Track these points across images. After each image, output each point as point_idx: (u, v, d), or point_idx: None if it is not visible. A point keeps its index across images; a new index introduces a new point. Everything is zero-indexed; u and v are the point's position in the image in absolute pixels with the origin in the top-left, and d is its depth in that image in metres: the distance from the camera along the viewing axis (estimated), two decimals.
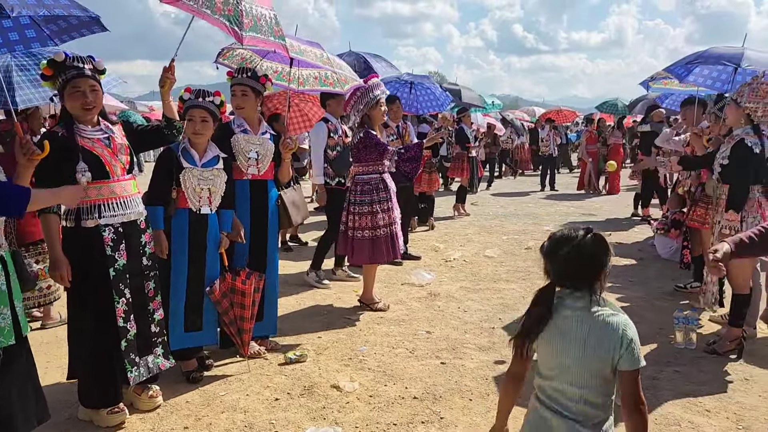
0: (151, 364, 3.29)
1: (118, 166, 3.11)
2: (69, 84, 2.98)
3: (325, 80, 5.42)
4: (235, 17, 3.53)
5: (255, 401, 3.46)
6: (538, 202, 12.80)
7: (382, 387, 3.65)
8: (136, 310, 3.20)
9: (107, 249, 3.06)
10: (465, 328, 4.71)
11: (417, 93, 8.24)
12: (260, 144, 4.06)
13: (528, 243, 8.06)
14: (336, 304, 5.37)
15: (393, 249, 4.97)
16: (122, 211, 3.12)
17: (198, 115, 3.57)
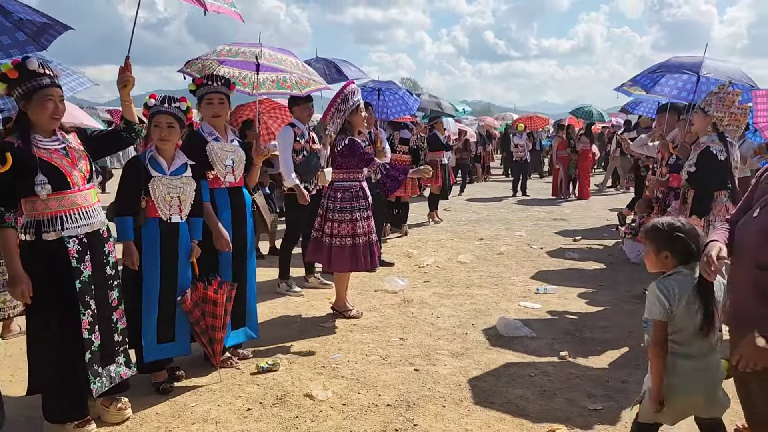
0: (113, 373, 3.22)
1: (79, 176, 3.03)
2: (39, 92, 2.90)
3: (283, 83, 5.40)
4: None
5: (226, 412, 3.42)
6: (510, 207, 12.91)
7: (355, 395, 3.63)
8: (101, 320, 3.14)
9: (73, 261, 2.99)
10: (438, 335, 4.72)
11: (386, 99, 8.25)
12: (233, 151, 4.04)
13: (500, 248, 8.12)
14: (309, 312, 5.34)
15: (372, 257, 4.95)
16: (85, 222, 3.05)
17: (164, 121, 3.52)
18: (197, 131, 4.01)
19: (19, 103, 2.94)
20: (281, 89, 5.53)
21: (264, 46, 4.95)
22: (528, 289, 6.06)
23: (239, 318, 4.11)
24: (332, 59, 8.01)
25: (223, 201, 3.98)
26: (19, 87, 2.89)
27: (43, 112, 2.92)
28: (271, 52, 4.89)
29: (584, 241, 8.71)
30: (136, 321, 3.53)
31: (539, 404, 3.51)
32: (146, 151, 3.58)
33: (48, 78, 2.93)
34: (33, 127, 2.95)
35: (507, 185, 16.24)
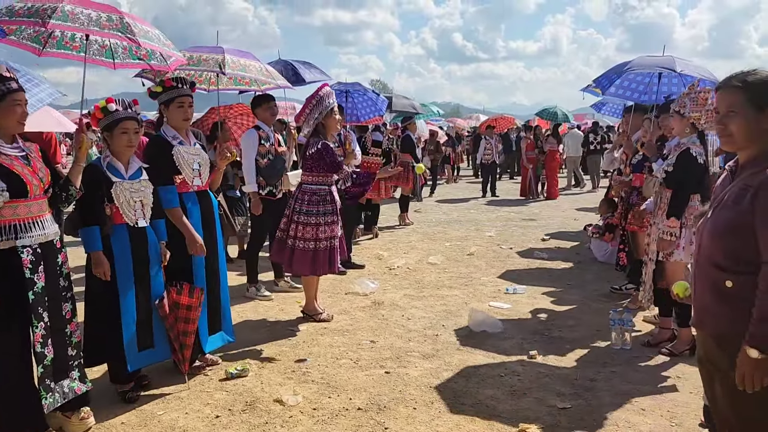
0: (67, 388, 3.08)
1: (38, 186, 2.95)
2: (8, 97, 2.83)
3: (241, 80, 5.33)
4: (123, 29, 3.60)
5: (194, 419, 3.36)
6: (479, 208, 13.00)
7: (326, 399, 3.61)
8: (54, 333, 3.02)
9: (26, 271, 2.88)
10: (409, 336, 4.72)
11: (354, 101, 8.21)
12: (198, 154, 3.98)
13: (470, 249, 8.17)
14: (278, 316, 5.29)
15: (332, 263, 4.93)
16: (40, 231, 2.95)
17: (132, 127, 3.46)
18: (160, 135, 3.93)
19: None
20: (239, 85, 5.45)
21: (227, 51, 4.87)
22: (498, 290, 6.11)
23: (215, 322, 4.06)
24: (292, 61, 7.94)
25: (193, 205, 3.92)
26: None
27: (12, 116, 2.86)
28: (234, 59, 4.83)
29: (553, 240, 8.82)
30: (115, 333, 3.44)
31: (509, 404, 3.53)
32: (101, 157, 3.50)
33: (15, 83, 2.88)
34: (2, 132, 2.88)
35: (476, 186, 16.36)
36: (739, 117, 2.03)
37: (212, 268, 4.04)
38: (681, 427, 3.26)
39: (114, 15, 3.69)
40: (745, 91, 2.03)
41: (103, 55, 3.96)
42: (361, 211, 8.85)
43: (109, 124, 3.45)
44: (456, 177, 20.22)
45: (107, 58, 3.98)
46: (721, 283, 2.03)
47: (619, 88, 6.30)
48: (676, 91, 5.92)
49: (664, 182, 4.33)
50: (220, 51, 4.93)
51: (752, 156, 2.04)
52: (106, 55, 3.98)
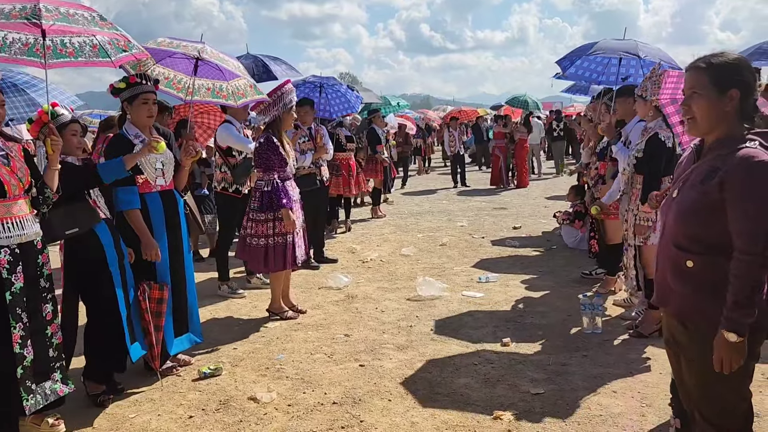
0: (49, 390, 3.05)
1: (17, 185, 2.89)
2: None
3: (219, 92, 5.27)
4: (33, 14, 3.47)
5: (167, 421, 3.32)
6: (451, 198, 13.05)
7: (300, 395, 3.59)
8: (34, 334, 2.98)
9: (3, 272, 2.82)
10: (383, 329, 4.72)
11: (328, 96, 8.13)
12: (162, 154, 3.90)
13: (443, 239, 8.20)
14: (251, 313, 5.25)
15: (286, 259, 4.89)
16: (19, 232, 2.90)
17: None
18: (122, 133, 3.84)
19: None
20: (216, 98, 5.37)
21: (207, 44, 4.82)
22: (471, 279, 6.14)
23: (182, 324, 4.00)
24: (261, 56, 7.85)
25: (156, 205, 3.85)
26: None
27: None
28: (213, 50, 4.76)
29: (524, 228, 8.90)
30: (116, 326, 3.47)
31: (483, 392, 3.56)
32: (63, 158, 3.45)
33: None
34: None
35: (448, 177, 16.42)
36: (701, 98, 2.05)
37: (177, 269, 3.97)
38: (651, 408, 3.32)
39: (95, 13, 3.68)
40: (709, 72, 2.05)
41: (98, 56, 3.88)
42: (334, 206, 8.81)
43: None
44: (427, 168, 20.28)
45: (103, 57, 3.89)
46: (683, 263, 2.06)
47: (579, 68, 6.37)
48: (633, 73, 6.00)
49: (635, 168, 4.38)
50: (201, 43, 4.88)
51: (719, 137, 2.07)
52: (101, 55, 3.89)
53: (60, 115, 3.42)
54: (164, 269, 3.87)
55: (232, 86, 5.36)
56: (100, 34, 3.70)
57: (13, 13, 3.54)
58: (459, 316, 4.97)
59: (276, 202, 4.80)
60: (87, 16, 3.70)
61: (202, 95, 5.19)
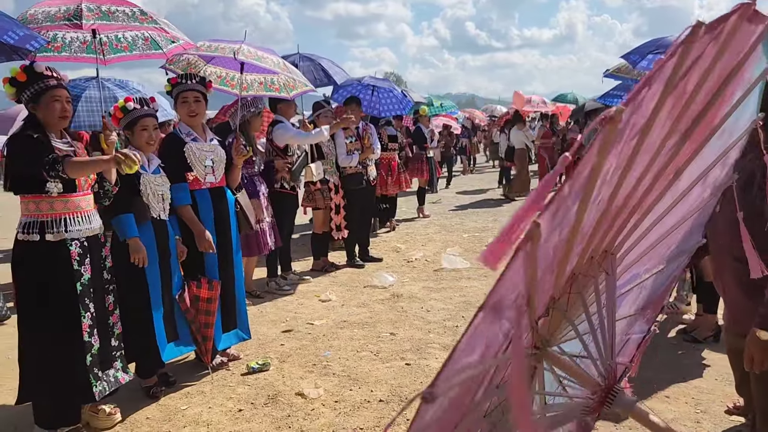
0: (112, 378, 3.22)
1: (85, 181, 3.06)
2: (47, 93, 2.94)
3: (271, 85, 5.38)
4: (75, 15, 3.60)
5: (218, 414, 3.39)
6: (497, 198, 12.93)
7: (347, 392, 3.62)
8: (99, 324, 3.14)
9: (74, 263, 2.99)
10: (429, 328, 4.71)
11: (380, 96, 8.17)
12: (212, 151, 3.99)
13: (488, 240, 8.11)
14: (298, 310, 5.31)
15: (250, 247, 5.18)
16: (87, 225, 3.06)
17: (151, 124, 3.56)
18: (174, 132, 3.96)
19: (28, 106, 2.98)
20: (269, 91, 5.50)
21: (245, 43, 4.92)
22: None
23: (230, 320, 4.08)
24: (318, 59, 7.93)
25: (205, 202, 3.94)
26: (28, 90, 2.94)
27: (52, 112, 2.96)
28: (251, 49, 4.85)
29: None
30: (145, 326, 3.52)
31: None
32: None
33: (55, 80, 2.98)
34: (45, 128, 2.97)
35: (493, 177, 16.28)
36: None
37: (226, 266, 4.05)
38: (707, 414, 3.23)
39: (135, 8, 3.78)
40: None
41: (151, 48, 4.04)
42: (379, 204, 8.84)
43: (129, 122, 3.52)
44: (472, 168, 20.14)
45: (156, 49, 4.06)
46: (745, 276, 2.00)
47: (652, 63, 6.22)
48: None
49: None
50: (239, 43, 4.98)
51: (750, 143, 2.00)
52: (154, 47, 4.06)
53: (132, 110, 3.53)
54: (213, 266, 3.95)
55: (283, 79, 5.45)
56: (141, 29, 3.83)
57: (57, 15, 3.70)
58: None
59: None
60: (128, 12, 3.83)
61: (255, 89, 5.31)
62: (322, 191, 6.41)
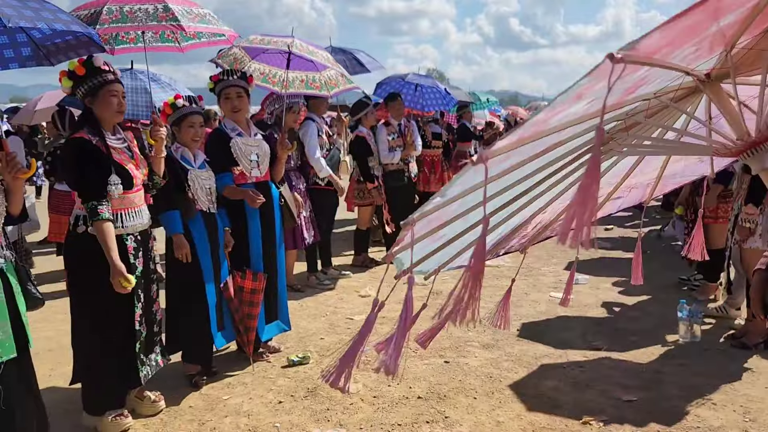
0: (154, 362, 3.33)
1: (140, 178, 3.16)
2: (105, 88, 3.00)
3: (312, 83, 5.41)
4: (174, 19, 3.80)
5: (258, 405, 3.45)
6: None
7: (385, 387, 3.63)
8: (147, 312, 3.25)
9: (130, 257, 3.09)
10: (467, 326, 4.68)
11: (423, 91, 8.15)
12: (257, 146, 4.04)
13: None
14: (338, 305, 5.35)
15: (296, 240, 5.37)
16: (140, 220, 3.17)
17: (197, 121, 3.65)
18: (220, 127, 4.03)
19: (85, 100, 3.04)
20: (309, 89, 5.53)
21: (296, 38, 4.97)
22: (559, 280, 5.99)
23: (271, 312, 4.15)
24: (349, 49, 7.95)
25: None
26: (85, 84, 2.99)
27: (109, 107, 3.02)
28: (303, 44, 4.90)
29: (617, 230, 8.57)
30: (198, 315, 3.63)
31: (572, 396, 3.47)
32: (172, 148, 3.64)
33: (112, 74, 3.04)
34: (100, 122, 3.04)
35: None
36: None
37: (270, 258, 4.11)
38: (756, 423, 3.13)
39: (159, 5, 3.87)
40: None
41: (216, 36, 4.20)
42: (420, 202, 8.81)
43: (177, 119, 3.59)
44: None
45: (220, 37, 4.21)
46: None
47: None
48: None
49: (743, 168, 4.13)
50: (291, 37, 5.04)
51: None
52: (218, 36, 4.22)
53: (181, 107, 3.61)
54: (258, 259, 4.01)
55: (324, 76, 5.49)
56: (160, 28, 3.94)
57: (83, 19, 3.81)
58: (546, 318, 4.87)
59: None
60: (150, 10, 3.91)
61: (296, 87, 5.36)
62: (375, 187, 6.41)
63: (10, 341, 2.43)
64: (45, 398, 2.75)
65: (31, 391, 2.62)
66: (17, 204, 2.60)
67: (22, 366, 2.54)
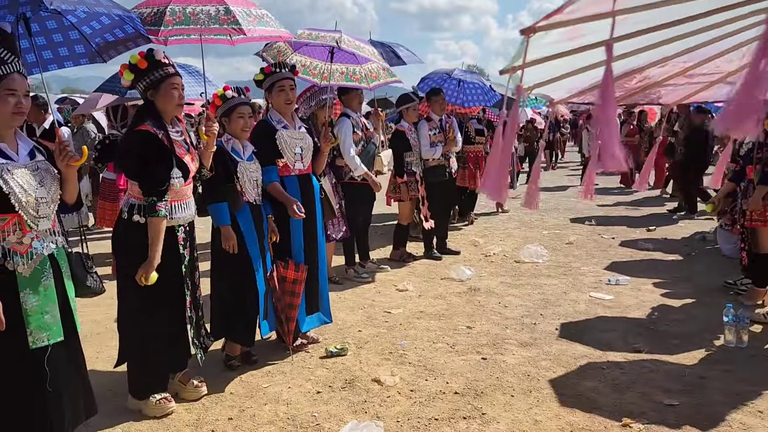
0: (204, 345, 3.45)
1: (194, 170, 3.25)
2: (166, 81, 3.08)
3: (352, 75, 5.43)
4: (235, 23, 3.78)
5: (297, 394, 3.50)
6: (579, 196, 12.57)
7: (422, 381, 3.64)
8: (193, 298, 3.34)
9: (180, 247, 3.19)
10: (506, 324, 4.67)
11: (465, 86, 8.09)
12: (301, 138, 4.09)
13: (570, 238, 7.93)
14: (376, 298, 5.38)
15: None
16: (189, 212, 3.26)
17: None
18: (266, 120, 4.08)
19: (147, 93, 3.12)
20: (349, 81, 5.56)
21: (343, 33, 5.01)
22: (599, 280, 5.90)
23: (313, 303, 4.20)
24: (388, 43, 7.96)
25: (294, 188, 4.04)
26: (147, 77, 3.07)
27: (171, 100, 3.11)
28: (350, 38, 4.93)
29: (659, 231, 8.39)
30: (246, 303, 3.72)
31: (612, 397, 3.42)
32: (222, 140, 3.70)
33: (172, 68, 3.13)
34: (162, 115, 3.13)
35: (575, 174, 15.83)
36: None
37: (311, 250, 4.15)
38: None
39: (220, 6, 3.94)
40: None
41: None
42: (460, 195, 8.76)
43: (227, 110, 3.66)
44: (554, 164, 19.63)
45: (222, 36, 4.31)
46: None
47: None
48: None
49: None
50: (338, 32, 5.08)
51: None
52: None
53: (230, 98, 3.68)
54: (299, 251, 4.06)
55: (365, 69, 5.51)
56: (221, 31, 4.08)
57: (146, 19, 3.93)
58: (586, 318, 4.80)
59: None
60: (212, 12, 4.00)
61: (336, 79, 5.39)
62: (409, 183, 6.42)
63: (57, 325, 2.52)
64: (92, 381, 2.84)
65: (79, 373, 2.71)
66: (72, 192, 2.68)
67: (70, 349, 2.63)
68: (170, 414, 3.25)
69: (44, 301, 2.48)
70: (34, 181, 2.45)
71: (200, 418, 3.24)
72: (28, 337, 2.42)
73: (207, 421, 3.21)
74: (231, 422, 3.19)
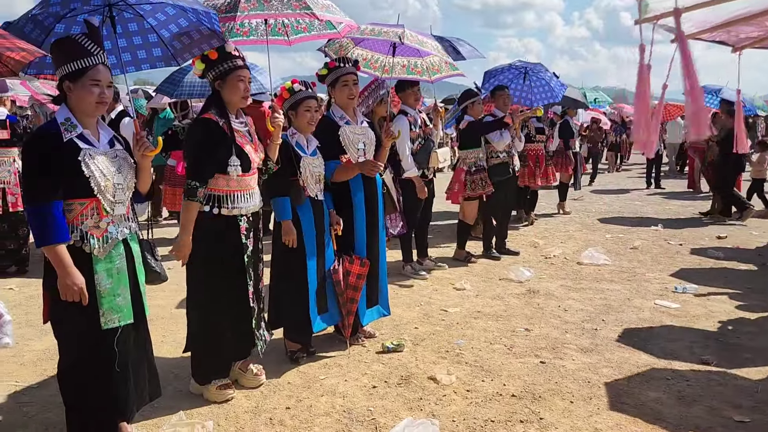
0: (264, 336, 3.50)
1: (257, 162, 3.30)
2: (234, 72, 3.16)
3: (413, 68, 5.41)
4: (306, 8, 4.06)
5: (353, 387, 3.52)
6: (644, 200, 12.18)
7: (479, 382, 3.60)
8: (256, 290, 3.40)
9: (242, 237, 3.24)
10: (565, 328, 4.56)
11: (531, 83, 7.88)
12: (363, 134, 4.10)
13: (634, 242, 7.69)
14: (432, 296, 5.36)
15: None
16: (253, 202, 3.30)
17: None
18: (328, 115, 4.10)
19: (215, 83, 3.21)
20: (411, 74, 5.55)
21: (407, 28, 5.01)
22: (665, 288, 5.70)
23: (372, 296, 4.22)
24: (448, 38, 7.85)
25: (357, 183, 4.06)
26: (217, 67, 3.17)
27: (237, 91, 3.18)
28: (413, 34, 4.93)
29: (731, 239, 8.03)
30: (300, 297, 3.76)
31: (677, 410, 3.29)
32: (287, 134, 3.74)
33: (241, 60, 3.20)
34: (227, 105, 3.21)
35: (641, 177, 15.32)
36: None
37: (372, 244, 4.17)
38: None
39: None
40: None
41: (326, 29, 4.39)
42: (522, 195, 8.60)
43: (294, 103, 3.70)
44: (619, 165, 19.08)
45: (330, 29, 4.40)
46: None
47: None
48: None
49: None
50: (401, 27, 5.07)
51: None
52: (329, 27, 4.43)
53: (297, 92, 3.73)
54: (362, 245, 4.08)
55: (427, 62, 5.47)
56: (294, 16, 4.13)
57: (221, 9, 4.02)
58: (650, 326, 4.64)
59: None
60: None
61: (397, 72, 5.38)
62: (480, 179, 6.34)
63: (128, 307, 2.62)
64: (156, 364, 2.94)
65: (145, 356, 2.82)
66: (146, 181, 2.78)
67: (138, 331, 2.74)
68: (230, 400, 3.33)
69: (117, 284, 2.57)
70: (113, 167, 2.56)
71: (258, 406, 3.30)
72: (101, 318, 2.52)
73: (265, 409, 3.27)
74: (288, 411, 3.24)
